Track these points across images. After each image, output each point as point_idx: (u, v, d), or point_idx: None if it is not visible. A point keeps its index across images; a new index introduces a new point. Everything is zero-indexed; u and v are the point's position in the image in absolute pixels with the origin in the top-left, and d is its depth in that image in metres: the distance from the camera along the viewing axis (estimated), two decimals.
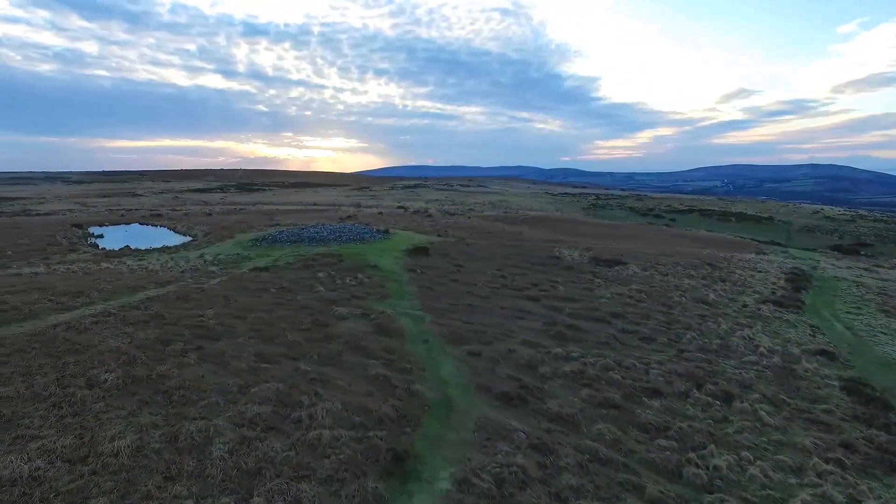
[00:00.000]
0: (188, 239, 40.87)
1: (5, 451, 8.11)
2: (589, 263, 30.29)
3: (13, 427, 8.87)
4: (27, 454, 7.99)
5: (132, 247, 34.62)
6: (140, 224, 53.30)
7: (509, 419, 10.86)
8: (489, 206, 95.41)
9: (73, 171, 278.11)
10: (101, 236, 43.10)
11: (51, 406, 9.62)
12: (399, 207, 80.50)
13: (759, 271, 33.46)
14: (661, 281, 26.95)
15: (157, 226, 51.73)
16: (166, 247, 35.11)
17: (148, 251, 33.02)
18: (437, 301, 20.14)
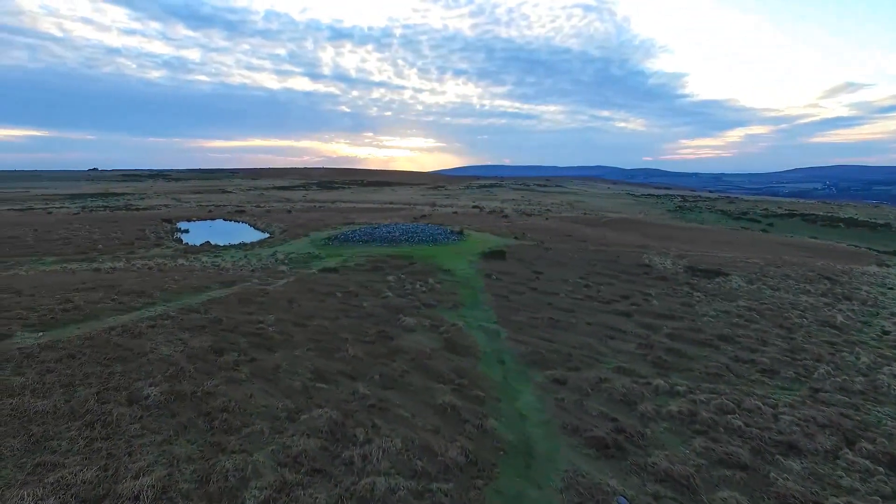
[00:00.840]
0: (265, 236, 41.36)
1: (21, 483, 7.12)
2: (685, 273, 27.03)
3: (39, 450, 7.93)
4: (41, 489, 6.93)
5: (212, 243, 35.26)
6: (224, 220, 55.11)
7: (605, 475, 8.72)
8: (567, 207, 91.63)
9: (173, 168, 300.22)
10: (186, 231, 44.71)
11: (84, 425, 8.65)
12: (474, 207, 78.86)
13: (891, 288, 28.68)
14: (771, 297, 23.36)
15: (238, 222, 53.23)
16: (243, 243, 35.45)
17: (225, 247, 33.40)
18: (514, 313, 18.14)
